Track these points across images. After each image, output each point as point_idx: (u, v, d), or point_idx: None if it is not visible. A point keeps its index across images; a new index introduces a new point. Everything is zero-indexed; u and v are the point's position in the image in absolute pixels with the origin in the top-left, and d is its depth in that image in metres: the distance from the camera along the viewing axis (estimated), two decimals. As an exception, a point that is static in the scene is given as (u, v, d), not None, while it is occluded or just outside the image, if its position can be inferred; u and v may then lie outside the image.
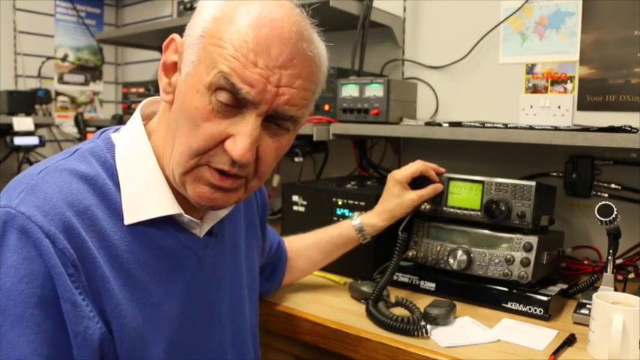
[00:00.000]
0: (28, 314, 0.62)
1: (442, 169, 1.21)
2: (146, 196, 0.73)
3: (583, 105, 1.41)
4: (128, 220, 0.72)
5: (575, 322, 1.05)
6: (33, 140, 2.25)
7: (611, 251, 1.08)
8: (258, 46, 0.66)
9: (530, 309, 1.07)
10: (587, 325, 0.95)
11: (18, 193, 0.66)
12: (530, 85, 1.50)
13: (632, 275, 1.24)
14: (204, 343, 0.81)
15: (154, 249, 0.74)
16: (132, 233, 0.72)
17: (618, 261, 1.25)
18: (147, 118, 0.80)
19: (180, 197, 0.75)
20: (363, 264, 1.24)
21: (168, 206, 0.74)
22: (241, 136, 0.67)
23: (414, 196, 1.16)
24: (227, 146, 0.68)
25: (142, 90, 2.21)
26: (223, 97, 0.67)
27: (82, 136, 2.43)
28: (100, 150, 0.75)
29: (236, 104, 0.68)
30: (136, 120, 0.78)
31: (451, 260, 1.15)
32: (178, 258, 0.77)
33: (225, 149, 0.68)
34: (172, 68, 0.74)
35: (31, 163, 2.34)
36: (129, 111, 2.23)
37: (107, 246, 0.69)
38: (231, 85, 0.66)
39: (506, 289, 1.11)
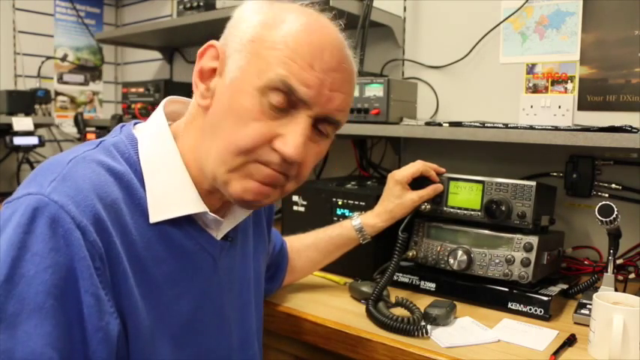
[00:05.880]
0: (48, 305, 0.60)
1: (442, 169, 1.21)
2: (172, 195, 0.73)
3: (583, 105, 1.41)
4: (153, 218, 0.71)
5: (575, 323, 1.05)
6: (32, 140, 2.24)
7: (611, 251, 1.08)
8: (313, 49, 0.68)
9: (530, 309, 1.07)
10: (588, 326, 0.95)
11: (50, 181, 0.65)
12: (531, 84, 1.50)
13: (632, 275, 1.24)
14: (212, 346, 0.80)
15: (173, 248, 0.74)
16: (152, 231, 0.71)
17: (619, 261, 1.24)
18: (168, 118, 0.80)
19: (205, 198, 0.75)
20: (363, 264, 1.24)
21: (194, 205, 0.74)
22: (294, 134, 0.69)
23: (414, 196, 1.16)
24: (277, 145, 0.69)
25: (141, 90, 2.21)
26: (275, 99, 0.68)
27: (82, 136, 2.43)
28: (124, 145, 0.74)
29: (287, 106, 0.69)
30: (159, 118, 0.78)
31: (451, 260, 1.15)
32: (195, 259, 0.77)
33: (273, 149, 0.69)
34: (210, 74, 0.74)
35: (30, 163, 2.34)
36: (129, 111, 2.23)
37: (129, 242, 0.69)
38: (288, 87, 0.68)
39: (506, 289, 1.11)
